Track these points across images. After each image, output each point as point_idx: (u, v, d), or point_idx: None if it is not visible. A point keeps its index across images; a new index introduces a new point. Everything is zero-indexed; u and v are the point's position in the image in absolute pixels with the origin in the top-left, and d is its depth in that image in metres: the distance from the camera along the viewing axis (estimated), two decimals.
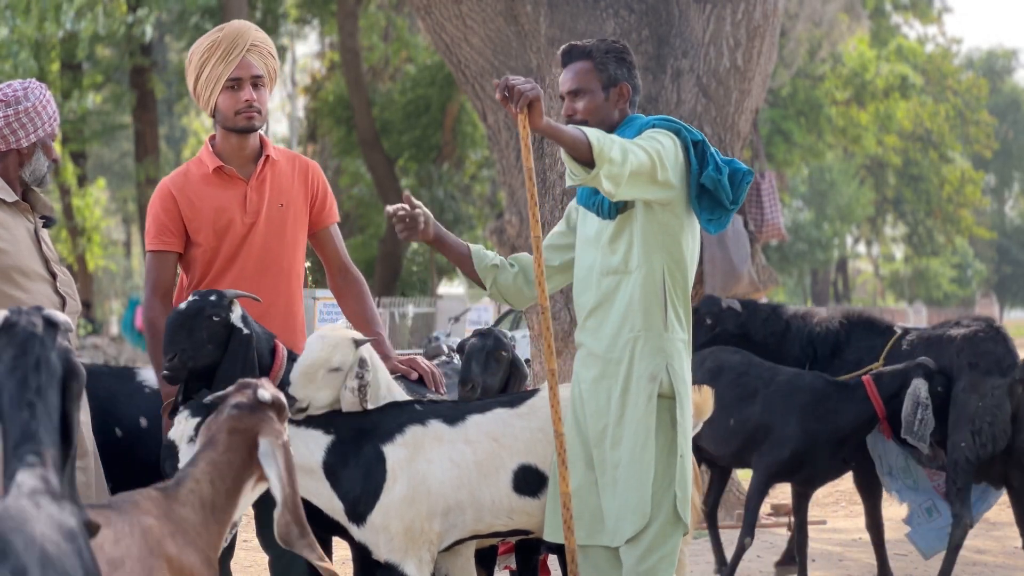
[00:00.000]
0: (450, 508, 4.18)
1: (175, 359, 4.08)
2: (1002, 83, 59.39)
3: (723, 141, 7.82)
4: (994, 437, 5.99)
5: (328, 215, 4.68)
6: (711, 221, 4.13)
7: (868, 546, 7.35)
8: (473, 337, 4.84)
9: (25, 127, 4.28)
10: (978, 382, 6.04)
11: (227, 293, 4.18)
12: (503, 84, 3.90)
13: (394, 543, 4.10)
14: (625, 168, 3.86)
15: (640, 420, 4.03)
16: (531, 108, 3.87)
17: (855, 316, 6.78)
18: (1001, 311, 55.70)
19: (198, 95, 4.54)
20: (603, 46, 4.26)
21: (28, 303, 4.24)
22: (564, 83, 4.26)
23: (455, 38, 7.93)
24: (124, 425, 4.76)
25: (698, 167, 4.08)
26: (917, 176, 45.52)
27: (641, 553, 4.02)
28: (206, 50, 4.47)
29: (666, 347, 4.08)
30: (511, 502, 4.23)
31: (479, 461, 4.21)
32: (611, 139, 3.88)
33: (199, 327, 4.09)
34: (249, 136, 4.51)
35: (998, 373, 6.05)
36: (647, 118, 4.19)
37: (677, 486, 4.04)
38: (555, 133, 3.87)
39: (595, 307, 4.17)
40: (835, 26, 27.40)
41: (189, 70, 4.54)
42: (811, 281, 56.69)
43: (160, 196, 4.51)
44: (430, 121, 30.16)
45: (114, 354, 23.11)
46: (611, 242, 4.14)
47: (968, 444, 5.99)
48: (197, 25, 28.31)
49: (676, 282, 4.11)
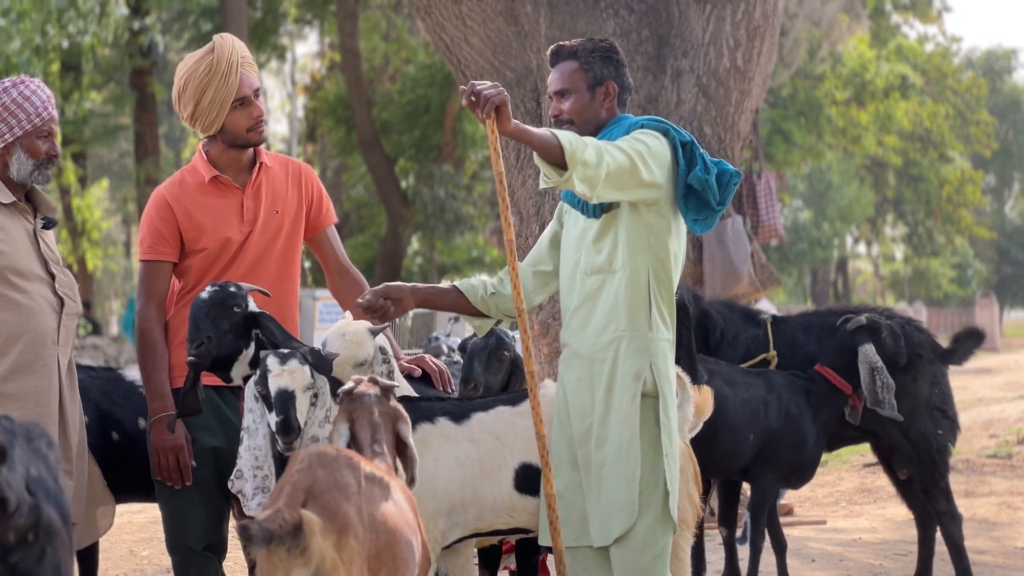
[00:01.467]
0: (454, 507, 4.18)
1: (202, 346, 4.09)
2: (1002, 83, 59.37)
3: (723, 141, 7.82)
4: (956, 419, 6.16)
5: (325, 218, 4.68)
6: (697, 221, 4.13)
7: (868, 546, 7.36)
8: (475, 336, 4.84)
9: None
10: (926, 370, 6.14)
11: (243, 286, 4.22)
12: (469, 90, 3.90)
13: None
14: (600, 170, 3.86)
15: (625, 419, 4.04)
16: (498, 113, 3.87)
17: (735, 306, 6.71)
18: (1001, 311, 55.67)
19: (198, 118, 4.46)
20: (589, 45, 4.25)
21: (25, 304, 4.25)
22: (551, 83, 4.27)
23: (455, 38, 7.93)
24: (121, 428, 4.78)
25: (686, 167, 4.08)
26: (917, 176, 45.50)
27: (633, 552, 4.03)
28: (204, 74, 4.39)
29: (650, 347, 4.09)
30: (512, 500, 4.23)
31: (482, 459, 4.22)
32: (584, 142, 3.88)
33: (222, 316, 4.11)
34: (247, 149, 4.52)
35: (939, 360, 6.22)
36: (636, 118, 4.19)
37: (667, 484, 4.05)
38: (524, 136, 3.87)
39: (579, 306, 4.18)
40: (835, 26, 27.38)
41: (185, 97, 4.44)
42: (811, 281, 56.68)
43: (156, 206, 4.48)
44: (430, 121, 30.15)
45: (114, 354, 23.08)
46: (595, 241, 4.15)
47: (946, 431, 6.04)
48: (197, 24, 28.32)
49: (661, 282, 4.12)
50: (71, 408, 4.34)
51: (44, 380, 4.26)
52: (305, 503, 3.22)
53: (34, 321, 4.24)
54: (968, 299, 58.62)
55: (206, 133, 4.50)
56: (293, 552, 3.15)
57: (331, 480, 3.30)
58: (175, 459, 4.33)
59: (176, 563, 4.44)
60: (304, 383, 3.93)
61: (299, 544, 3.14)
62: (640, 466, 4.03)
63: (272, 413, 3.90)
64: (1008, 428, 13.78)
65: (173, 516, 4.42)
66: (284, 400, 3.89)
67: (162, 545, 4.57)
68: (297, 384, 3.92)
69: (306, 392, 3.94)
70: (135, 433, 4.84)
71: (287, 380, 3.91)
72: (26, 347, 4.22)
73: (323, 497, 3.24)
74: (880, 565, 6.92)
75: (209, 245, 4.45)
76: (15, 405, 4.18)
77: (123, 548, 7.68)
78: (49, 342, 4.28)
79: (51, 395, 4.27)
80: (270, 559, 3.16)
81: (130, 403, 4.90)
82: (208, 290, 4.17)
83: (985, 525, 8.35)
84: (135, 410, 4.88)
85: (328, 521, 3.20)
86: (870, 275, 65.38)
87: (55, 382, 4.29)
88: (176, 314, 4.48)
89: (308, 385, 3.95)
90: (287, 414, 3.87)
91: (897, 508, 9.06)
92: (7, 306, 4.21)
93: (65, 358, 4.35)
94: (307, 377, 3.95)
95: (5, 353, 4.20)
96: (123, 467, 4.73)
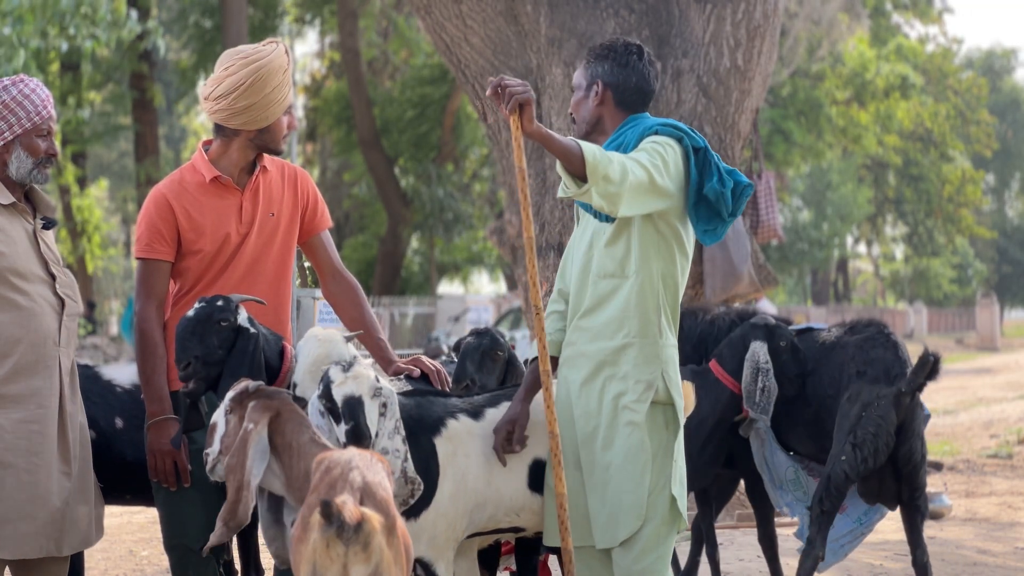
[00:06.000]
0: (477, 505, 4.15)
1: (189, 367, 4.06)
2: (1001, 82, 59.37)
3: (723, 141, 7.81)
4: (876, 451, 5.52)
5: (319, 222, 4.68)
6: (707, 232, 4.11)
7: (868, 546, 7.35)
8: (469, 336, 4.83)
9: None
10: (862, 391, 5.62)
11: (233, 298, 4.18)
12: (496, 82, 3.91)
13: (436, 541, 4.04)
14: (624, 187, 3.85)
15: (635, 424, 4.04)
16: (522, 111, 3.88)
17: (747, 313, 6.30)
18: (1001, 311, 55.65)
19: (250, 109, 4.35)
20: (595, 44, 4.31)
21: (26, 305, 4.24)
22: None
23: (455, 38, 7.92)
24: (99, 426, 4.72)
25: (698, 176, 4.07)
26: (917, 176, 45.50)
27: (636, 554, 4.03)
28: (278, 70, 4.34)
29: (661, 354, 4.09)
30: (524, 499, 4.21)
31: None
32: (609, 157, 3.85)
33: (210, 332, 4.08)
34: (261, 152, 4.54)
35: (885, 382, 5.61)
36: (651, 121, 4.17)
37: (673, 488, 4.05)
38: (546, 141, 3.86)
39: (590, 308, 4.16)
40: (835, 25, 27.38)
41: (255, 86, 4.32)
42: (811, 281, 56.70)
43: (156, 204, 4.45)
44: (430, 121, 30.16)
45: (114, 354, 23.10)
46: (608, 245, 4.13)
47: (848, 458, 5.53)
48: (197, 23, 28.30)
49: (669, 288, 4.11)
50: (72, 409, 4.33)
51: (45, 381, 4.25)
52: (362, 501, 3.25)
53: (35, 322, 4.23)
54: (968, 299, 58.64)
55: (244, 127, 4.40)
56: (353, 547, 3.18)
57: (377, 481, 3.34)
58: (172, 463, 4.32)
59: (174, 562, 4.43)
60: (370, 388, 3.83)
61: (360, 540, 3.17)
62: (650, 471, 4.03)
63: (341, 423, 3.79)
64: (1008, 428, 13.79)
65: (171, 516, 4.41)
66: (352, 406, 3.79)
67: (161, 545, 4.55)
68: (363, 389, 3.82)
69: (374, 399, 3.84)
70: (111, 433, 4.77)
71: (352, 386, 3.82)
72: (28, 349, 4.21)
73: (376, 496, 3.29)
74: (880, 565, 6.92)
75: (207, 246, 4.44)
76: (16, 407, 4.18)
77: (123, 548, 7.67)
78: (50, 343, 4.27)
79: (52, 396, 4.26)
80: (329, 552, 3.18)
81: (106, 402, 4.83)
82: (195, 307, 4.14)
83: (985, 525, 8.35)
84: (111, 409, 4.81)
85: (384, 519, 3.25)
86: (870, 275, 65.38)
87: (56, 383, 4.28)
88: (174, 316, 4.47)
89: (375, 390, 3.84)
90: (356, 420, 3.76)
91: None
92: (8, 308, 4.20)
93: (67, 359, 4.34)
94: (373, 381, 3.84)
95: (7, 355, 4.18)
96: (99, 468, 4.62)
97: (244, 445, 3.70)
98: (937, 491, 8.78)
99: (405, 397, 4.16)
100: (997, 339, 42.32)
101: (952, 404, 18.47)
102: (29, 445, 4.18)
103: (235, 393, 3.85)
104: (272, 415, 3.78)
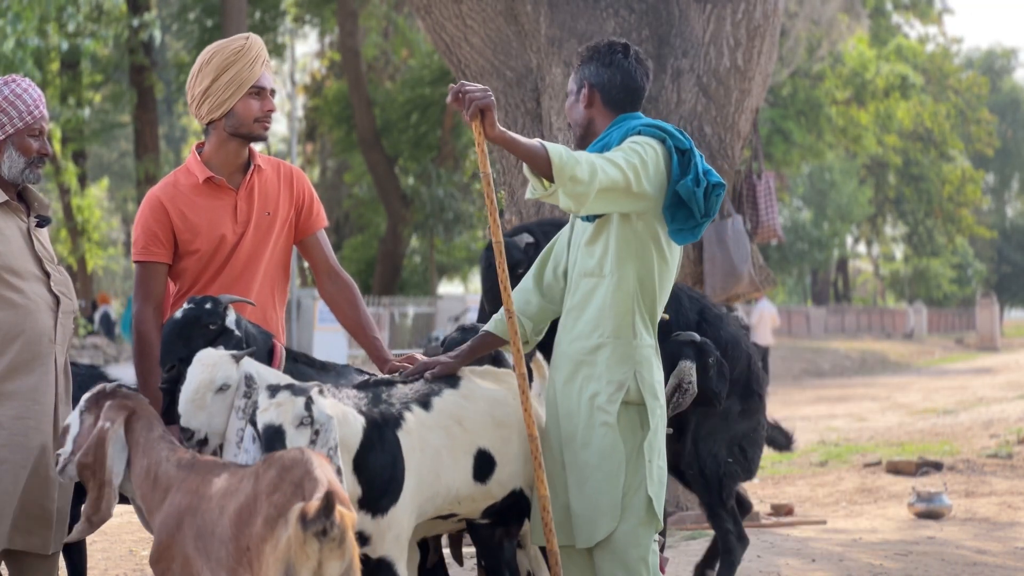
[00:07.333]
0: (429, 497, 4.06)
1: (173, 370, 4.00)
2: (1001, 82, 59.40)
3: (723, 141, 7.81)
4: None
5: (315, 221, 4.67)
6: (681, 231, 4.09)
7: (868, 546, 7.35)
8: (455, 332, 4.80)
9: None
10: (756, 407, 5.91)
11: (222, 299, 4.15)
12: (457, 89, 3.89)
13: (400, 538, 3.95)
14: (592, 187, 3.84)
15: (609, 425, 4.05)
16: (484, 116, 3.86)
17: (710, 314, 6.07)
18: (1001, 311, 55.69)
19: (209, 96, 4.41)
20: (585, 47, 4.30)
21: (22, 303, 4.25)
22: None
23: (455, 38, 7.92)
24: None
25: (680, 177, 4.05)
26: (917, 176, 45.53)
27: (615, 555, 4.05)
28: (233, 53, 4.38)
29: (634, 355, 4.09)
30: (468, 489, 4.13)
31: (450, 447, 4.10)
32: (576, 157, 3.84)
33: (196, 336, 4.02)
34: (246, 145, 4.51)
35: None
36: (637, 121, 4.16)
37: (650, 488, 4.06)
38: (510, 144, 3.85)
39: (571, 308, 4.19)
40: (835, 25, 27.39)
41: (205, 70, 4.40)
42: (811, 281, 56.71)
43: (151, 207, 4.45)
44: (430, 121, 30.17)
45: (114, 354, 23.09)
46: (588, 244, 4.16)
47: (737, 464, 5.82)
48: (198, 21, 28.30)
49: (645, 289, 4.11)
50: (64, 409, 4.34)
51: (41, 379, 4.26)
52: None
53: (31, 320, 4.25)
54: (968, 299, 58.68)
55: (210, 116, 4.43)
56: (328, 544, 3.21)
57: (335, 478, 3.38)
58: None
59: None
60: (295, 417, 3.62)
61: (334, 536, 3.20)
62: (623, 472, 4.04)
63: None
64: (1008, 428, 13.78)
65: None
66: (270, 435, 3.59)
67: None
68: (286, 418, 3.62)
69: (300, 428, 3.62)
70: None
71: (273, 415, 3.63)
72: (23, 346, 4.23)
73: (340, 494, 3.32)
74: (880, 565, 6.91)
75: (203, 247, 4.44)
76: (12, 403, 4.20)
77: (123, 548, 7.67)
78: (46, 340, 4.29)
79: (48, 393, 4.28)
80: (305, 549, 3.21)
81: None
82: (183, 308, 4.10)
83: (985, 525, 8.34)
84: None
85: (352, 516, 3.31)
86: (870, 275, 65.41)
87: (51, 380, 4.30)
88: None
89: (302, 419, 3.62)
90: (272, 449, 3.56)
91: (897, 508, 9.06)
92: (4, 305, 4.22)
93: (62, 356, 4.37)
94: (300, 410, 3.63)
95: (2, 352, 4.20)
96: None
97: (102, 443, 3.76)
98: (937, 491, 8.79)
99: (359, 391, 4.05)
100: (997, 339, 42.34)
101: (952, 404, 18.47)
102: (25, 441, 4.20)
103: (91, 394, 3.89)
104: (128, 414, 3.83)
